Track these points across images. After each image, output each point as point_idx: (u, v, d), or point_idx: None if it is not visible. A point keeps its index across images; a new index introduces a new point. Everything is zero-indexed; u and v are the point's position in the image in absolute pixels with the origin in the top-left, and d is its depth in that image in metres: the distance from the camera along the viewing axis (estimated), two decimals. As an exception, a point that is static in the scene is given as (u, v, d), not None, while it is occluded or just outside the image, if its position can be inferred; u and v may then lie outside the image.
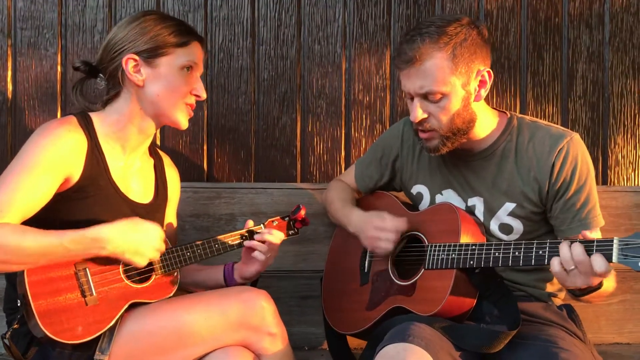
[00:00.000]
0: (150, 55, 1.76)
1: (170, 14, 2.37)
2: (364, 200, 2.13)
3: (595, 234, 1.77)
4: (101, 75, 1.82)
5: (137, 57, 1.75)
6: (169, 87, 1.77)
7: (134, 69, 1.76)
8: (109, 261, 1.70)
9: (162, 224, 1.91)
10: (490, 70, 1.81)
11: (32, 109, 2.36)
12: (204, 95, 1.83)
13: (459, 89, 1.76)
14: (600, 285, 1.61)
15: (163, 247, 1.75)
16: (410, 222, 1.91)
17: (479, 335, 1.69)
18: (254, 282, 1.93)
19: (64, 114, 2.34)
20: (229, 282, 1.93)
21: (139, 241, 1.69)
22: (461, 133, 1.80)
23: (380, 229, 1.87)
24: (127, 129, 1.80)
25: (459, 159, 1.91)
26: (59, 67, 2.37)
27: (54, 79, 2.37)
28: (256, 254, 1.85)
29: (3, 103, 2.36)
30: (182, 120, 1.81)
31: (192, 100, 1.82)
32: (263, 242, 1.85)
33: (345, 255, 2.06)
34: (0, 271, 1.68)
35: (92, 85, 1.86)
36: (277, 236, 1.86)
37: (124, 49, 1.76)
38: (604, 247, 1.52)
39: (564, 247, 1.55)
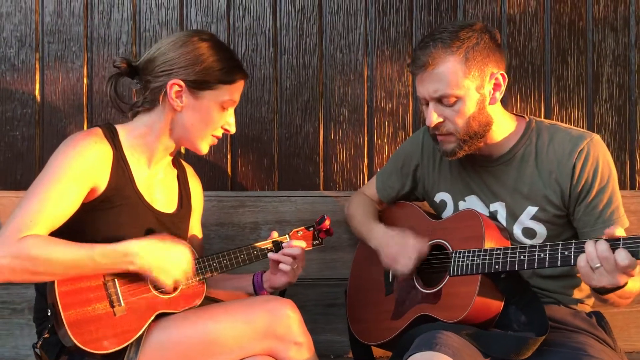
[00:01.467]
0: (197, 86, 1.76)
1: (194, 25, 2.40)
2: (387, 211, 2.12)
3: (619, 234, 1.75)
4: (137, 81, 1.83)
5: (182, 84, 1.76)
6: (205, 119, 1.79)
7: (176, 93, 1.76)
8: (137, 273, 1.71)
9: (186, 234, 1.93)
10: (505, 74, 1.81)
11: (59, 121, 2.40)
12: (233, 131, 1.85)
13: (473, 92, 1.77)
14: (624, 284, 1.58)
15: (190, 271, 1.76)
16: (434, 230, 1.91)
17: (507, 341, 1.68)
18: (282, 291, 1.94)
19: (90, 126, 2.38)
20: (258, 291, 1.94)
21: (167, 260, 1.71)
22: (478, 137, 1.80)
23: (402, 247, 1.86)
24: (154, 144, 1.82)
25: (479, 165, 1.90)
26: (85, 80, 2.40)
27: (80, 92, 2.40)
28: (282, 266, 1.85)
29: (31, 115, 2.40)
30: (205, 148, 1.84)
31: (220, 133, 1.84)
32: (287, 255, 1.86)
33: (369, 266, 2.05)
34: (31, 281, 1.71)
35: (126, 84, 1.86)
36: (299, 246, 1.86)
37: (173, 72, 1.76)
38: (630, 244, 1.50)
39: (589, 245, 1.54)
